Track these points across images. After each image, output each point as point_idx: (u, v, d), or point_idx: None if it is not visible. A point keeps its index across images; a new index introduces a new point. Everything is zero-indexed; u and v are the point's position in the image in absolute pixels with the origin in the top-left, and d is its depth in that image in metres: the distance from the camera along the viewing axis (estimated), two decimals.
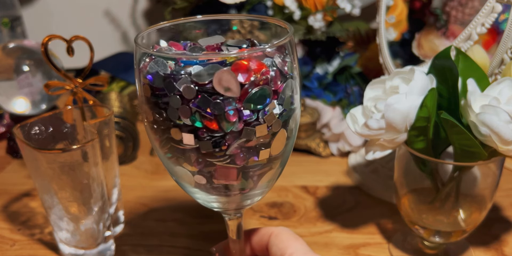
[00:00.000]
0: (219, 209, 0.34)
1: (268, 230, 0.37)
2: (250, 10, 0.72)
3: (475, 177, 0.44)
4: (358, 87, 0.74)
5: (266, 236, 0.36)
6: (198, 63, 0.27)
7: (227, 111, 0.26)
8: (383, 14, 0.56)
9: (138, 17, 0.99)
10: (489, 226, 0.51)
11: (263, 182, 0.32)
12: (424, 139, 0.42)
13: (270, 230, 0.36)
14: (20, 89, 0.75)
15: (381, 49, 0.56)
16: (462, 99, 0.40)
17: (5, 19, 0.84)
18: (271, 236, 0.36)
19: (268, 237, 0.36)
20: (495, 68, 0.45)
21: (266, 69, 0.27)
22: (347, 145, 0.66)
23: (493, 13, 0.44)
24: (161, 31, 0.33)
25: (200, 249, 0.50)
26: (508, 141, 0.37)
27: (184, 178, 0.31)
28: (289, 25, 0.31)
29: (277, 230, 0.36)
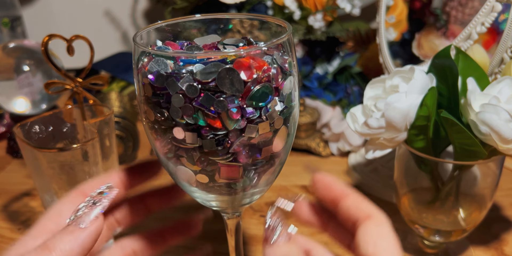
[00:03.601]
0: (218, 208, 0.34)
1: (359, 208, 0.29)
2: (250, 10, 0.72)
3: (475, 176, 0.44)
4: (358, 87, 0.74)
5: (360, 211, 0.29)
6: (198, 62, 0.27)
7: (230, 109, 0.26)
8: (383, 14, 0.56)
9: (138, 17, 0.99)
10: (489, 226, 0.51)
11: (263, 180, 0.32)
12: (424, 138, 0.42)
13: (368, 210, 0.29)
14: (20, 89, 0.75)
15: (381, 49, 0.56)
16: (462, 98, 0.40)
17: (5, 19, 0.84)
18: (367, 221, 0.28)
19: (365, 218, 0.28)
20: (495, 67, 0.45)
21: (268, 66, 0.27)
22: (347, 145, 0.66)
23: (493, 12, 0.44)
24: (159, 31, 0.33)
25: (200, 248, 0.50)
26: (508, 140, 0.37)
27: (185, 177, 0.31)
28: (287, 23, 0.31)
29: (379, 217, 0.28)
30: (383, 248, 0.26)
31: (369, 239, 0.27)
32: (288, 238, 0.28)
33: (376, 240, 0.27)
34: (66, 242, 0.26)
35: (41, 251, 0.26)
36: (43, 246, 0.26)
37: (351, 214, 0.29)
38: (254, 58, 0.27)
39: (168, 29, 0.33)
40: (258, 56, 0.27)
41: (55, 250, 0.26)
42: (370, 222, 0.28)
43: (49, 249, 0.26)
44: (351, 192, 0.30)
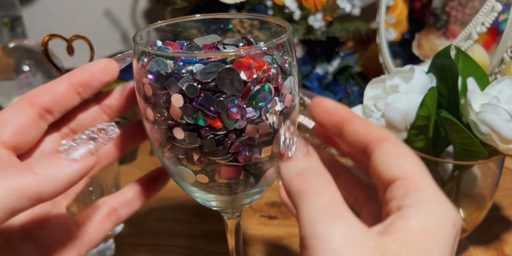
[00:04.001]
0: (218, 208, 0.34)
1: (370, 131, 0.26)
2: (250, 10, 0.72)
3: (475, 176, 0.44)
4: (358, 87, 0.74)
5: (370, 135, 0.26)
6: (198, 62, 0.27)
7: (230, 109, 0.26)
8: (383, 14, 0.56)
9: (138, 17, 0.99)
10: (489, 226, 0.51)
11: (263, 180, 0.32)
12: (424, 138, 0.42)
13: (379, 132, 0.26)
14: (20, 89, 0.75)
15: (381, 49, 0.56)
16: (462, 98, 0.40)
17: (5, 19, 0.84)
18: (382, 143, 0.25)
19: (379, 141, 0.25)
20: (495, 67, 0.45)
21: (268, 66, 0.27)
22: None
23: (493, 12, 0.44)
24: (159, 31, 0.33)
25: (200, 248, 0.50)
26: (508, 140, 0.37)
27: (185, 177, 0.31)
28: (287, 23, 0.31)
29: (393, 138, 0.25)
30: (410, 168, 0.24)
31: (392, 160, 0.24)
32: (306, 152, 0.26)
33: (400, 160, 0.24)
34: (52, 168, 0.24)
35: (25, 171, 0.23)
36: (26, 167, 0.24)
37: (359, 138, 0.26)
38: (254, 58, 0.27)
39: (168, 29, 0.33)
40: (258, 56, 0.27)
41: (39, 174, 0.24)
42: (386, 143, 0.25)
43: (33, 172, 0.24)
44: (355, 116, 0.27)
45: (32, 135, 0.29)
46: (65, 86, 0.30)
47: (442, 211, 0.23)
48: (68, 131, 0.32)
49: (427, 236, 0.22)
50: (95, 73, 0.30)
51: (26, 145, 0.29)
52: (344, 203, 0.23)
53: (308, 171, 0.24)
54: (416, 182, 0.23)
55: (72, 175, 0.24)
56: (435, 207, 0.23)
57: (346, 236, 0.21)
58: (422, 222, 0.22)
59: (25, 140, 0.28)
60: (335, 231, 0.21)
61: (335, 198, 0.23)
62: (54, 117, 0.30)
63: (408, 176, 0.24)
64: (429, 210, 0.23)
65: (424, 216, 0.22)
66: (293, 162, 0.25)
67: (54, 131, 0.31)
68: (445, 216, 0.23)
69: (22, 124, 0.28)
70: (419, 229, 0.22)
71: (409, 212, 0.23)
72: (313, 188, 0.23)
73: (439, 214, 0.23)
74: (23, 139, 0.28)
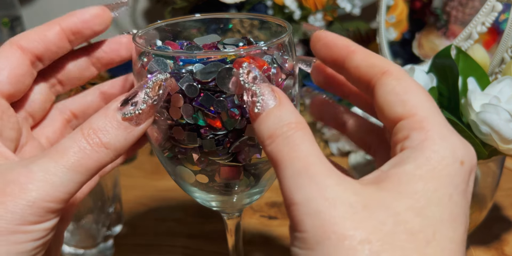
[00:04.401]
0: (218, 208, 0.34)
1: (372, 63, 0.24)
2: (250, 10, 0.72)
3: (476, 176, 0.44)
4: None
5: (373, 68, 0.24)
6: (198, 62, 0.27)
7: (230, 109, 0.26)
8: (384, 14, 0.56)
9: (138, 17, 0.99)
10: (490, 226, 0.51)
11: (263, 180, 0.32)
12: None
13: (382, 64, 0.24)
14: None
15: (381, 49, 0.56)
16: (462, 98, 0.40)
17: (5, 19, 0.84)
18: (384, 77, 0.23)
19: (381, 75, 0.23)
20: (496, 67, 0.45)
21: (268, 66, 0.27)
22: (347, 145, 0.65)
23: (494, 12, 0.44)
24: (159, 31, 0.33)
25: (200, 248, 0.50)
26: (508, 139, 0.37)
27: (185, 177, 0.31)
28: (287, 23, 0.31)
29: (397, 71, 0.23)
30: (414, 105, 0.22)
31: (394, 97, 0.22)
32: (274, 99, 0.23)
33: (403, 96, 0.22)
34: (122, 140, 0.24)
35: (97, 148, 0.23)
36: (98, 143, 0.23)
37: (362, 72, 0.24)
38: (254, 58, 0.27)
39: (168, 29, 0.33)
40: (258, 56, 0.27)
41: (111, 148, 0.24)
42: (388, 77, 0.23)
43: (105, 146, 0.24)
44: (357, 47, 0.25)
45: (25, 83, 0.28)
46: (57, 33, 0.28)
47: (446, 148, 0.21)
48: (55, 82, 0.31)
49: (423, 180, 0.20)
50: (88, 21, 0.29)
51: (20, 93, 0.28)
52: (321, 158, 0.21)
53: (278, 131, 0.22)
54: (420, 119, 0.21)
55: (137, 137, 0.25)
56: (437, 146, 0.21)
57: (322, 197, 0.20)
58: (419, 165, 0.21)
59: (19, 88, 0.28)
60: (311, 195, 0.20)
61: (309, 157, 0.21)
62: (44, 64, 0.29)
63: (412, 113, 0.22)
64: (430, 149, 0.21)
65: (423, 157, 0.21)
66: (262, 120, 0.23)
67: (41, 80, 0.30)
68: (450, 154, 0.21)
69: (16, 71, 0.27)
70: (415, 173, 0.20)
71: (407, 155, 0.21)
72: (284, 154, 0.22)
73: (442, 152, 0.21)
74: (18, 87, 0.27)
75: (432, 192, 0.20)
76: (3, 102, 0.27)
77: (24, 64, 0.27)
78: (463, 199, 0.21)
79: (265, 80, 0.24)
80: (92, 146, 0.23)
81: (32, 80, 0.29)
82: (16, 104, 0.29)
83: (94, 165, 0.24)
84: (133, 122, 0.24)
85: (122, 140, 0.24)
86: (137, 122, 0.25)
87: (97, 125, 0.24)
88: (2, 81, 0.27)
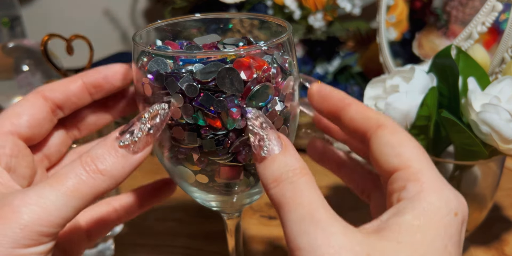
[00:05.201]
0: (217, 208, 0.34)
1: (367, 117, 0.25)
2: (250, 10, 0.72)
3: (476, 176, 0.44)
4: (358, 87, 0.74)
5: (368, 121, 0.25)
6: (198, 62, 0.27)
7: (230, 109, 0.26)
8: (384, 14, 0.56)
9: (138, 17, 0.99)
10: (490, 226, 0.51)
11: None
12: (425, 138, 0.41)
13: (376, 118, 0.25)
14: (20, 89, 0.75)
15: (381, 48, 0.56)
16: (462, 98, 0.40)
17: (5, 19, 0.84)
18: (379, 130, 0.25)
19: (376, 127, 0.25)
20: (496, 67, 0.45)
21: (268, 66, 0.27)
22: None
23: (494, 12, 0.44)
24: (158, 30, 0.33)
25: (200, 248, 0.50)
26: (508, 139, 0.37)
27: (185, 177, 0.31)
28: (287, 23, 0.31)
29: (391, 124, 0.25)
30: (409, 157, 0.23)
31: (390, 150, 0.23)
32: (280, 146, 0.24)
33: (398, 149, 0.23)
34: (119, 167, 0.24)
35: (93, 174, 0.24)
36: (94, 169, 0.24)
37: (357, 125, 0.25)
38: (254, 57, 0.27)
39: (168, 28, 0.33)
40: (258, 56, 0.27)
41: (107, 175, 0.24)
42: (384, 130, 0.24)
43: (102, 173, 0.24)
44: (353, 100, 0.27)
45: (45, 128, 0.30)
46: (78, 85, 0.30)
47: (441, 200, 0.22)
48: (73, 128, 0.33)
49: (421, 230, 0.21)
50: (109, 77, 0.31)
51: (38, 137, 0.30)
52: (324, 205, 0.22)
53: (283, 175, 0.23)
54: (416, 171, 0.23)
55: (134, 168, 0.25)
56: (433, 198, 0.22)
57: (328, 245, 0.21)
58: (417, 215, 0.21)
59: (38, 132, 0.29)
60: (316, 242, 0.21)
61: (313, 203, 0.22)
62: (64, 113, 0.31)
63: (407, 165, 0.23)
64: (426, 201, 0.22)
65: (420, 209, 0.22)
66: (268, 164, 0.24)
67: (60, 126, 0.32)
68: (444, 205, 0.22)
69: (36, 116, 0.29)
70: (413, 223, 0.21)
71: (405, 205, 0.22)
72: (289, 198, 0.23)
73: (438, 204, 0.22)
74: (36, 131, 0.29)
75: (429, 242, 0.21)
76: (21, 143, 0.28)
77: (44, 111, 0.30)
78: (456, 249, 0.22)
79: (271, 126, 0.25)
80: (88, 173, 0.24)
81: (51, 126, 0.31)
82: (34, 146, 0.30)
83: (90, 191, 0.24)
84: (130, 150, 0.25)
85: (120, 167, 0.25)
86: (134, 150, 0.25)
87: (96, 153, 0.25)
88: (22, 124, 0.28)
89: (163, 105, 0.26)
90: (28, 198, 0.23)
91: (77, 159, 0.25)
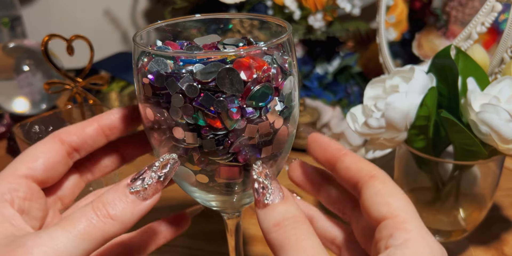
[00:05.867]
0: (218, 208, 0.34)
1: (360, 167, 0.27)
2: (250, 10, 0.72)
3: (475, 176, 0.44)
4: (358, 87, 0.74)
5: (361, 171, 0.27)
6: (198, 62, 0.27)
7: (230, 109, 0.26)
8: (383, 14, 0.56)
9: (138, 17, 0.99)
10: (489, 226, 0.51)
11: None
12: (424, 138, 0.42)
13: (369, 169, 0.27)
14: (20, 89, 0.75)
15: (381, 49, 0.56)
16: (462, 98, 0.40)
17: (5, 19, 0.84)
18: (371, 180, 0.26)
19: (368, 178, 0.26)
20: (495, 67, 0.45)
21: (268, 66, 0.27)
22: (347, 145, 0.66)
23: (493, 12, 0.44)
24: (159, 31, 0.33)
25: (200, 248, 0.50)
26: (508, 139, 0.37)
27: (185, 177, 0.31)
28: (287, 23, 0.31)
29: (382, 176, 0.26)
30: (397, 207, 0.25)
31: (380, 199, 0.25)
32: (282, 196, 0.26)
33: (387, 199, 0.25)
34: (129, 213, 0.26)
35: (104, 218, 0.25)
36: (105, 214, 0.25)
37: (351, 174, 0.27)
38: (254, 58, 0.27)
39: (168, 29, 0.33)
40: (258, 56, 0.27)
41: (117, 220, 0.25)
42: (375, 181, 0.26)
43: (112, 218, 0.25)
44: (348, 152, 0.29)
45: (59, 171, 0.31)
46: (94, 128, 0.32)
47: (426, 247, 0.24)
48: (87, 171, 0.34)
49: None
50: (123, 118, 0.33)
51: (53, 180, 0.31)
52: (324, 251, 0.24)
53: (285, 221, 0.25)
54: (403, 221, 0.24)
55: (144, 211, 0.27)
56: (420, 245, 0.24)
57: None
58: None
59: (53, 175, 0.30)
60: None
61: (314, 248, 0.24)
62: (81, 155, 0.32)
63: (395, 215, 0.25)
64: (414, 247, 0.24)
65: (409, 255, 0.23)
66: (270, 210, 0.26)
67: (74, 170, 0.33)
68: (429, 252, 0.24)
69: (52, 160, 0.30)
70: None
71: (394, 252, 0.23)
72: (292, 241, 0.24)
73: (423, 251, 0.24)
74: (51, 174, 0.30)
75: None
76: (35, 186, 0.29)
77: (60, 154, 0.30)
78: None
79: (274, 177, 0.28)
80: (99, 217, 0.25)
81: (66, 169, 0.32)
82: (48, 188, 0.31)
83: (100, 235, 0.25)
84: (140, 196, 0.26)
85: (129, 213, 0.26)
86: (144, 196, 0.27)
87: (107, 198, 0.26)
88: (37, 168, 0.29)
89: (173, 155, 0.28)
90: (41, 240, 0.24)
91: (89, 204, 0.26)
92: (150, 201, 0.27)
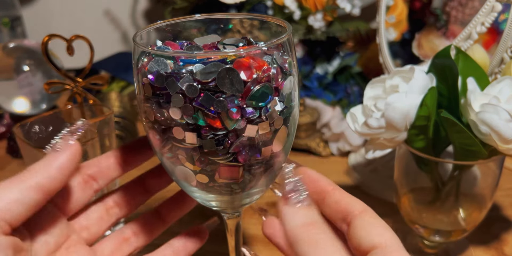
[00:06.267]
0: (218, 208, 0.34)
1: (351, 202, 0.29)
2: (250, 10, 0.72)
3: (475, 176, 0.44)
4: (358, 87, 0.74)
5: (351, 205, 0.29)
6: (198, 62, 0.27)
7: (230, 109, 0.26)
8: (383, 14, 0.56)
9: (138, 17, 0.99)
10: (489, 225, 0.51)
11: (263, 180, 0.32)
12: (424, 138, 0.42)
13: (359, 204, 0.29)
14: (20, 89, 0.75)
15: (381, 49, 0.56)
16: (462, 98, 0.40)
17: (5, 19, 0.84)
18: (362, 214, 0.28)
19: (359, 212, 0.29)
20: (495, 67, 0.45)
21: (267, 66, 0.27)
22: (347, 145, 0.66)
23: (493, 12, 0.44)
24: (159, 31, 0.33)
25: (200, 248, 0.50)
26: (508, 139, 0.37)
27: (185, 177, 0.31)
28: (287, 23, 0.31)
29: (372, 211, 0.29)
30: (386, 237, 0.27)
31: (372, 229, 0.27)
32: (310, 203, 0.27)
33: (378, 229, 0.27)
34: (43, 171, 0.28)
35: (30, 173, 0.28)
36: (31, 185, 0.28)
37: (341, 207, 0.29)
38: (254, 58, 0.27)
39: (168, 29, 0.33)
40: (258, 56, 0.27)
41: (39, 172, 0.28)
42: (366, 215, 0.28)
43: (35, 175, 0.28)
44: (337, 187, 0.31)
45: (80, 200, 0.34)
46: (110, 159, 0.35)
47: None
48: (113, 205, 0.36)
49: None
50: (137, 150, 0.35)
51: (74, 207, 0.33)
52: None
53: (316, 224, 0.26)
54: (391, 250, 0.26)
55: (62, 164, 0.29)
56: None
57: None
58: None
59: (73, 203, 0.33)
60: None
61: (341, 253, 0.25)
62: (99, 184, 0.35)
63: (385, 245, 0.26)
64: None
65: None
66: (298, 210, 0.27)
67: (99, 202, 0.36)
68: None
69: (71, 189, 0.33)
70: None
71: None
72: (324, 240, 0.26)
73: None
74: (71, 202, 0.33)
75: None
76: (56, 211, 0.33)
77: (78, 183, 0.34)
78: None
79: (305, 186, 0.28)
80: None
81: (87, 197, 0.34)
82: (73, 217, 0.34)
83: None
84: (54, 150, 0.30)
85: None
86: (56, 148, 0.30)
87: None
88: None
89: (82, 120, 0.31)
90: None
91: None
92: (67, 152, 0.29)
